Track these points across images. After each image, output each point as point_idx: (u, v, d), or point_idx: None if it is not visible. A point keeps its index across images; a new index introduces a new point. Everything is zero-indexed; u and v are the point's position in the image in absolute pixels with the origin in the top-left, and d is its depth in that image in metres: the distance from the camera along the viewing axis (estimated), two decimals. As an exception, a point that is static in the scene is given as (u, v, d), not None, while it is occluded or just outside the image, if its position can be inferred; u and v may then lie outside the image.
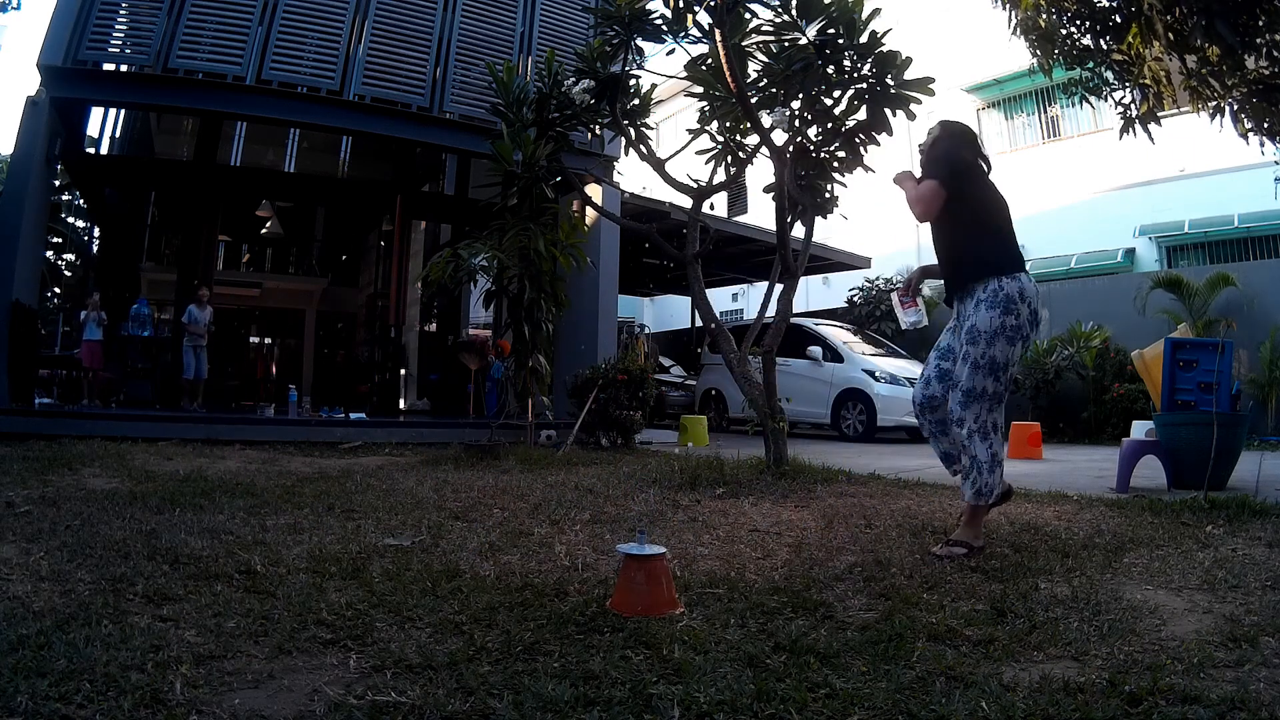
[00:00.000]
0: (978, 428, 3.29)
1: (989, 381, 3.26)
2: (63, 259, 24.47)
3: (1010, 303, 3.22)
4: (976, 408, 3.28)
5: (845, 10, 5.32)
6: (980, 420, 3.29)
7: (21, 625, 2.13)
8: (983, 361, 3.26)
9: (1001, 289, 3.24)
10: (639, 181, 16.24)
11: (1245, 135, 5.46)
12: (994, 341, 3.23)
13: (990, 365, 3.25)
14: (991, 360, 3.25)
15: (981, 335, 3.25)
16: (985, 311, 3.25)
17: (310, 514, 4.11)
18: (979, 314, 3.27)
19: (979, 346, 3.25)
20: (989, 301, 3.25)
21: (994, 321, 3.23)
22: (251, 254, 17.86)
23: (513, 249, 7.85)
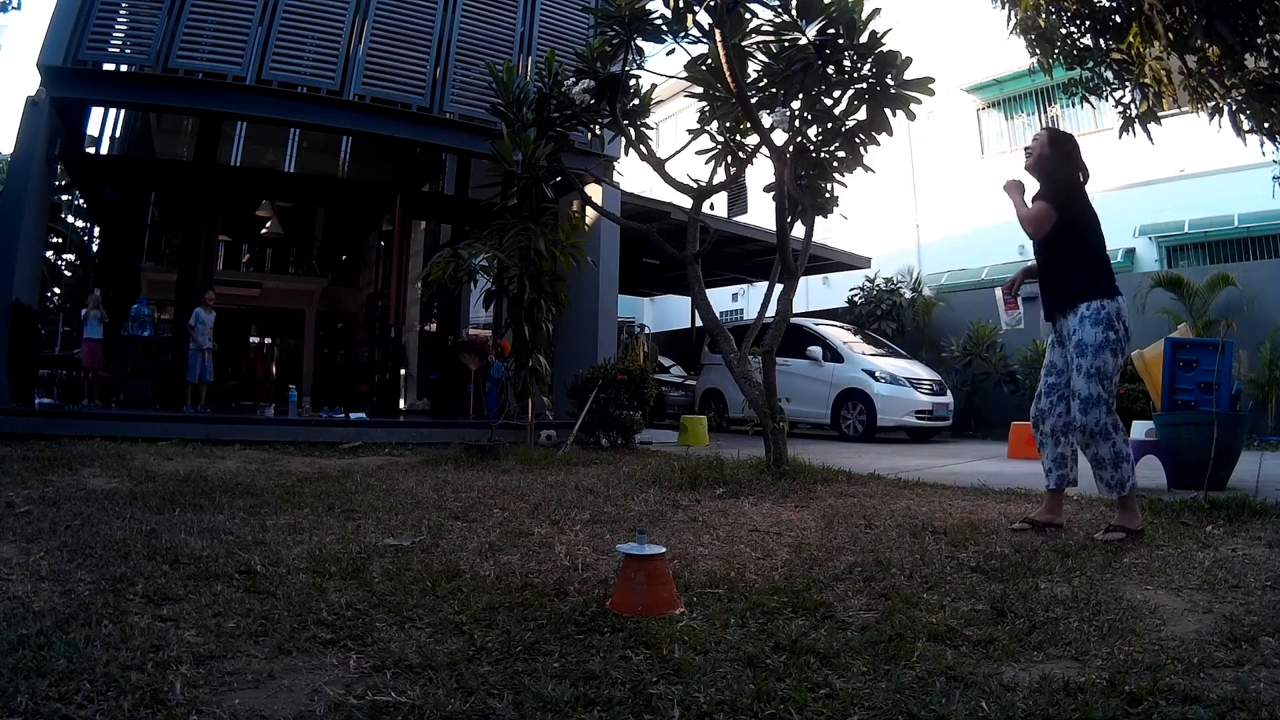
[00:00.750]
0: (1099, 430, 3.62)
1: (1099, 389, 3.63)
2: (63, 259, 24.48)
3: (1111, 320, 3.67)
4: (1095, 412, 3.62)
5: (845, 10, 5.32)
6: (1100, 423, 3.62)
7: (22, 625, 2.13)
8: (1092, 371, 3.64)
9: (1103, 309, 3.68)
10: (639, 182, 16.24)
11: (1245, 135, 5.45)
12: (1099, 353, 3.64)
13: (1099, 374, 3.64)
14: (1099, 370, 3.64)
15: (1089, 348, 3.65)
16: (1090, 328, 3.67)
17: (310, 514, 4.12)
18: (1084, 329, 3.68)
19: (1087, 358, 3.65)
20: (1093, 319, 3.67)
21: (1098, 336, 3.65)
22: (251, 254, 17.86)
23: (513, 249, 7.85)
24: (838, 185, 6.48)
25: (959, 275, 18.30)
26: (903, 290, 15.43)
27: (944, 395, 12.10)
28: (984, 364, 13.15)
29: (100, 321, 10.50)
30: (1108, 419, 3.63)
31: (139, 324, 11.33)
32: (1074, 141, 3.98)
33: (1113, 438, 3.62)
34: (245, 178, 14.61)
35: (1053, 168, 3.88)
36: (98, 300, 10.78)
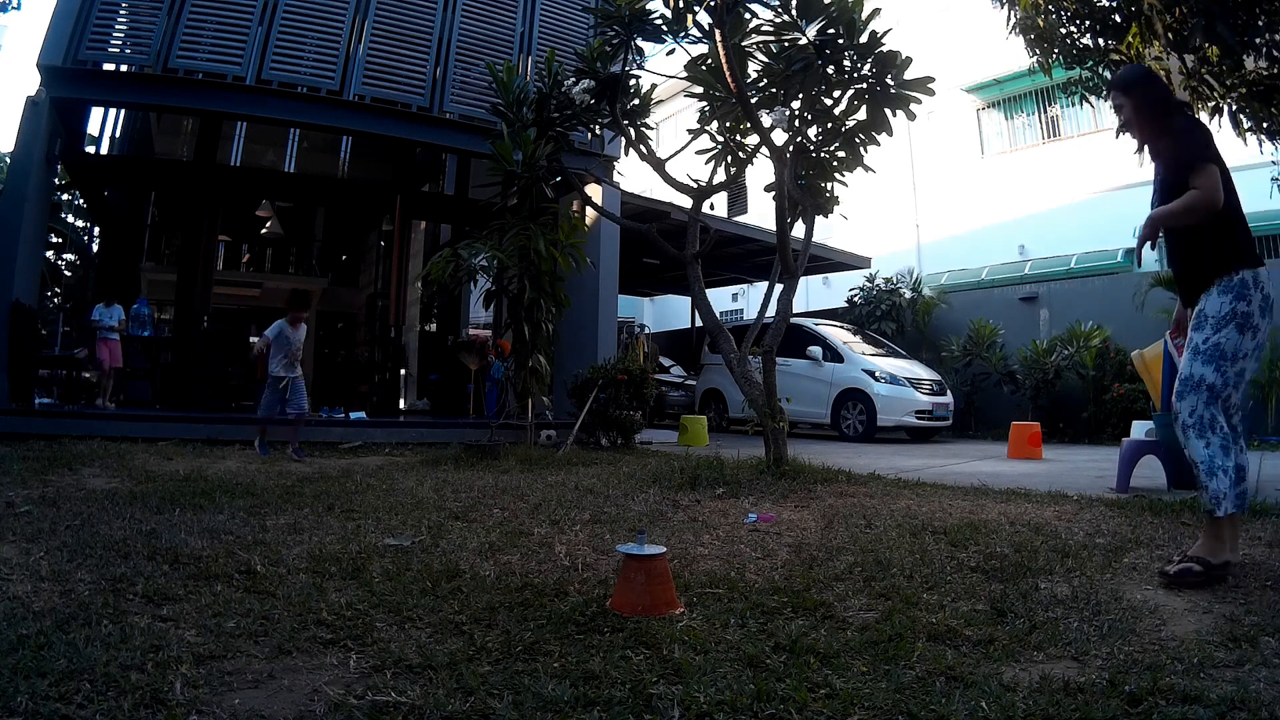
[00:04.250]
0: (1193, 422, 2.93)
1: (1208, 370, 2.91)
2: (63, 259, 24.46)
3: (1245, 288, 2.93)
4: (1192, 399, 2.93)
5: (845, 10, 5.32)
6: (1196, 414, 2.92)
7: (22, 625, 2.13)
8: (1204, 347, 2.94)
9: (1236, 276, 2.95)
10: (639, 182, 16.25)
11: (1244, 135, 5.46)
12: (1220, 327, 2.92)
13: (1213, 352, 2.92)
14: (1216, 347, 2.92)
15: (1208, 320, 2.96)
16: (1217, 297, 2.96)
17: (310, 514, 4.12)
18: (1209, 300, 2.98)
19: (1203, 332, 2.96)
20: (1222, 288, 2.95)
21: (1224, 307, 2.93)
22: (251, 254, 17.86)
23: (513, 249, 7.85)
24: (838, 185, 6.48)
25: (959, 275, 18.31)
26: (903, 290, 15.44)
27: (944, 395, 12.11)
28: (984, 364, 13.15)
29: (118, 321, 10.29)
30: (1205, 411, 2.91)
31: (139, 324, 11.33)
32: (1158, 79, 3.32)
33: (1207, 436, 2.91)
34: (245, 178, 14.60)
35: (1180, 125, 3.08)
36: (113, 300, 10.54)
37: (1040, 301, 13.70)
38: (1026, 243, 17.82)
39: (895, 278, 15.71)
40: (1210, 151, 2.95)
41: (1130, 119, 3.20)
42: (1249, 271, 2.94)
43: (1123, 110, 3.22)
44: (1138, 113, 3.16)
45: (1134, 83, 3.22)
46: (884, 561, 3.11)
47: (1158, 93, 3.19)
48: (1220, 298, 2.94)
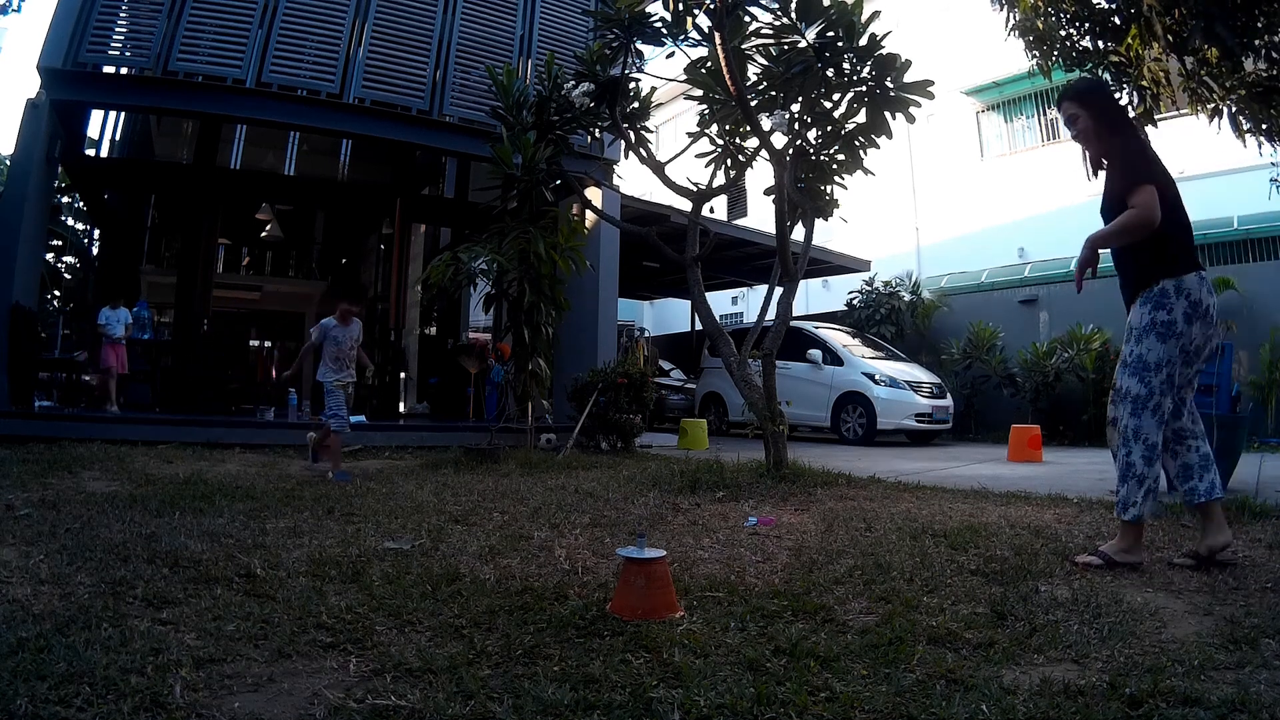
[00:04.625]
0: (1119, 431, 3.12)
1: (1133, 381, 3.08)
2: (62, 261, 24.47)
3: (1164, 297, 3.04)
4: (1121, 411, 3.11)
5: (845, 13, 5.33)
6: (1122, 424, 3.09)
7: (21, 628, 2.13)
8: (1130, 360, 3.11)
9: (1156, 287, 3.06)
10: (639, 185, 16.25)
11: (1244, 137, 5.46)
12: (1142, 339, 3.08)
13: (1137, 364, 3.08)
14: (1139, 358, 3.07)
15: (1132, 333, 3.12)
16: (1138, 309, 3.11)
17: (310, 517, 4.11)
18: (1133, 313, 3.14)
19: (1128, 345, 3.13)
20: (1142, 299, 3.10)
21: (1144, 318, 3.08)
22: (251, 257, 17.87)
23: (512, 252, 7.85)
24: (837, 188, 6.49)
25: (959, 278, 18.32)
26: (902, 293, 15.45)
27: (944, 398, 12.11)
28: (984, 367, 13.15)
29: (125, 324, 10.07)
30: (1130, 421, 3.07)
31: (139, 327, 11.32)
32: (1106, 92, 3.39)
33: (1130, 446, 3.06)
34: (245, 181, 14.61)
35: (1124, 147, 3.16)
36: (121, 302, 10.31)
37: (1040, 304, 13.70)
38: (1026, 245, 17.83)
39: (895, 280, 15.72)
40: (1152, 171, 3.05)
41: (1085, 129, 3.26)
42: (1170, 281, 3.03)
43: (1077, 121, 3.28)
44: (1094, 123, 3.23)
45: (1090, 93, 3.29)
46: (884, 565, 3.10)
47: (1112, 105, 3.29)
48: (1140, 309, 3.09)
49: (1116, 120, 3.24)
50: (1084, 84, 3.40)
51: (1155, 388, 3.03)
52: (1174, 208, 3.09)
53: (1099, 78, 3.58)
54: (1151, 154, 3.17)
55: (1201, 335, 3.07)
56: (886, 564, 3.11)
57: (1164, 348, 3.03)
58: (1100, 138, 3.24)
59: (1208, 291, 3.07)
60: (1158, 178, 3.05)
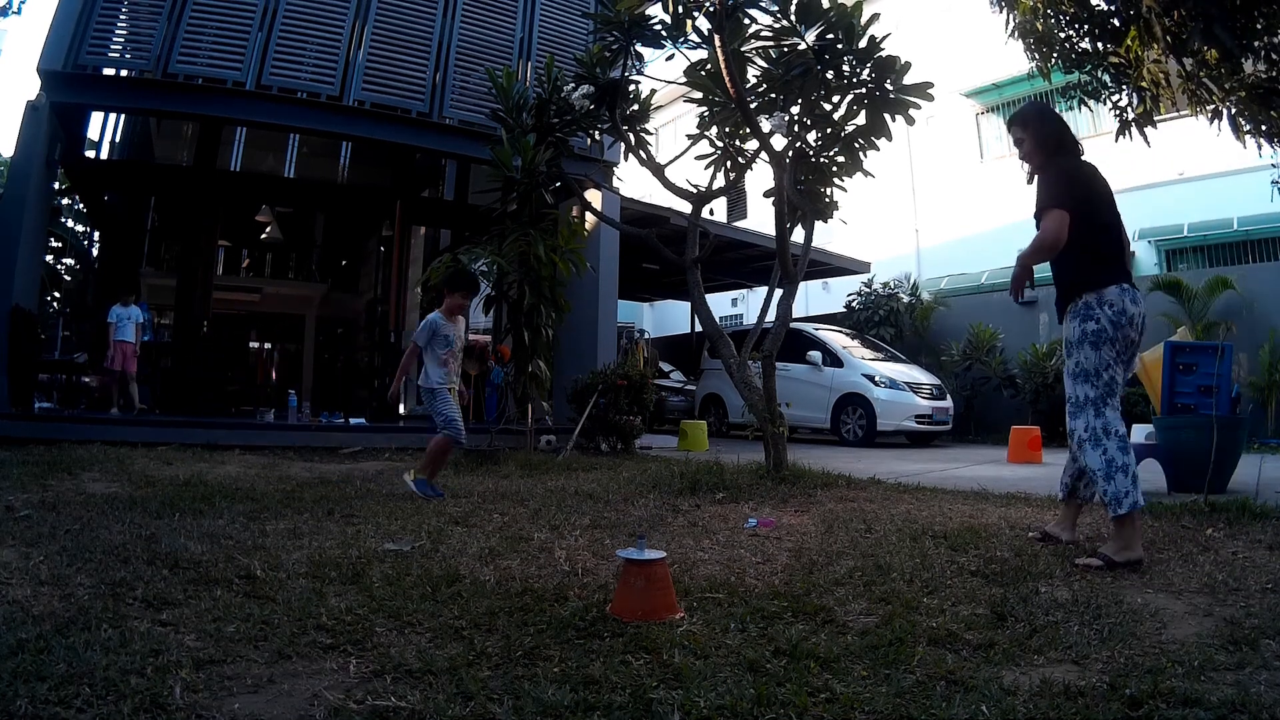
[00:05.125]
0: (1088, 436, 3.27)
1: (1084, 388, 3.30)
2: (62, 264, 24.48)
3: (1089, 309, 3.29)
4: (1083, 418, 3.31)
5: (844, 15, 5.34)
6: (1090, 428, 3.27)
7: (21, 629, 2.13)
8: (1074, 370, 3.34)
9: (1080, 300, 3.33)
10: (639, 187, 16.25)
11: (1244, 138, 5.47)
12: (1077, 349, 3.33)
13: (1079, 372, 3.32)
14: (1079, 366, 3.32)
15: (1069, 345, 3.37)
16: (1069, 323, 3.37)
17: (310, 519, 4.11)
18: (1065, 327, 3.40)
19: (1068, 356, 3.37)
20: (1070, 314, 3.38)
21: (1074, 331, 3.33)
22: (251, 259, 17.87)
23: (512, 254, 7.85)
24: (837, 190, 6.49)
25: (958, 280, 18.31)
26: (902, 295, 15.45)
27: (944, 400, 12.11)
28: (984, 368, 13.16)
29: (135, 323, 9.86)
30: (1095, 422, 3.27)
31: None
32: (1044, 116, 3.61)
33: (1103, 444, 3.22)
34: (245, 183, 14.62)
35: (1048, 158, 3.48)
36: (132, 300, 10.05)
37: (1040, 305, 13.70)
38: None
39: (894, 282, 15.72)
40: (1067, 196, 3.29)
41: (1029, 151, 3.56)
42: (1091, 294, 3.29)
43: (1022, 143, 3.59)
44: (1035, 145, 3.53)
45: (1033, 118, 3.58)
46: (884, 566, 3.10)
47: (1051, 130, 3.53)
48: (1070, 323, 3.36)
49: (1052, 144, 3.50)
50: (1029, 109, 3.69)
51: (1103, 387, 3.27)
52: (1100, 228, 3.35)
53: (1044, 104, 3.82)
54: (1078, 178, 3.39)
55: (1125, 341, 3.30)
56: (886, 565, 3.11)
57: (1098, 354, 3.27)
58: (1037, 157, 3.53)
59: (1131, 301, 3.29)
60: (1073, 202, 3.29)
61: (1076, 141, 3.58)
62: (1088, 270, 3.33)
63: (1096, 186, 3.42)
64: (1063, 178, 3.37)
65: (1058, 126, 3.56)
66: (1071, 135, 3.58)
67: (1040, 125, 3.54)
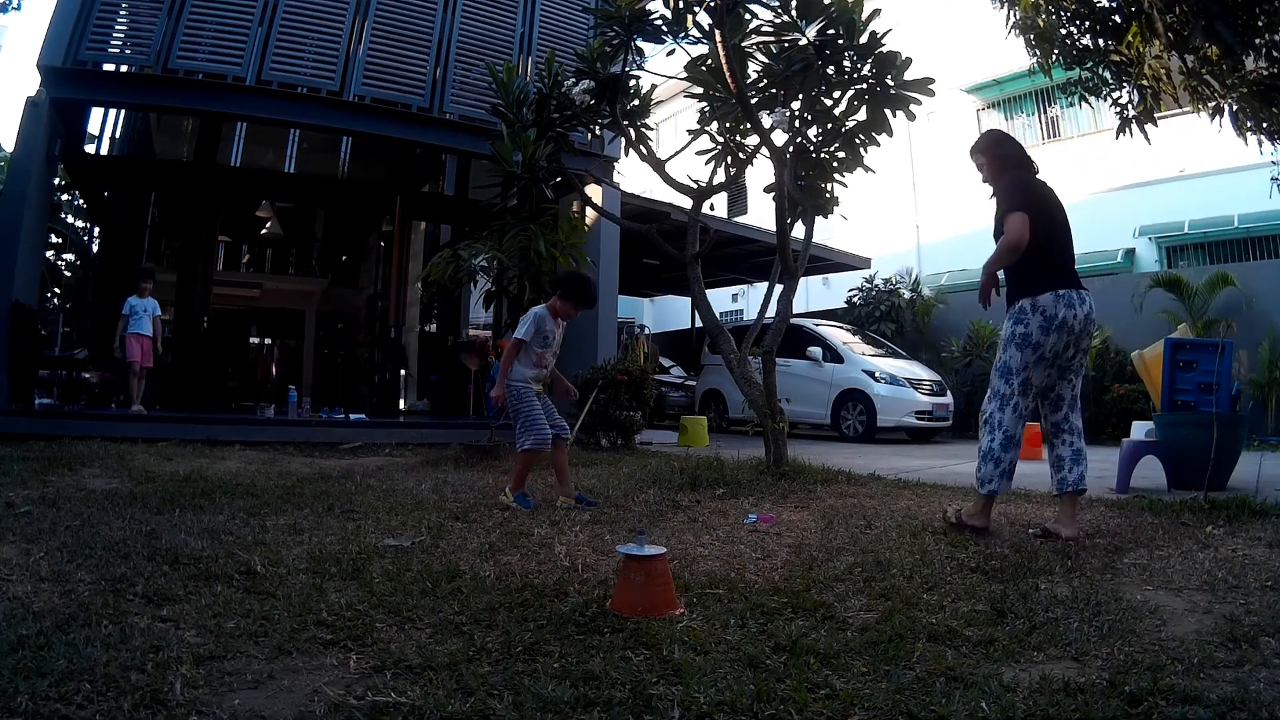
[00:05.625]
0: (984, 419, 3.71)
1: (1000, 382, 3.67)
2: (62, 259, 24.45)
3: (1022, 313, 3.61)
4: (989, 405, 3.70)
5: (845, 11, 5.32)
6: (989, 414, 3.69)
7: (22, 626, 2.13)
8: (998, 365, 3.72)
9: (1017, 305, 3.67)
10: (640, 183, 16.24)
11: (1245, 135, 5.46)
12: (1006, 348, 3.68)
13: (1002, 369, 3.68)
14: (1004, 363, 3.68)
15: (1001, 342, 3.73)
16: (1006, 324, 3.73)
17: (310, 514, 4.12)
18: (1004, 326, 3.74)
19: (998, 352, 3.74)
20: (1008, 316, 3.72)
21: (1007, 331, 3.68)
22: (251, 254, 17.84)
23: (513, 249, 7.84)
24: (838, 185, 6.48)
25: (959, 275, 18.28)
26: (902, 290, 15.43)
27: (944, 396, 12.10)
28: (984, 364, 13.13)
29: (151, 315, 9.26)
30: (997, 414, 3.66)
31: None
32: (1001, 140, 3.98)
33: (994, 434, 3.64)
34: (245, 178, 14.60)
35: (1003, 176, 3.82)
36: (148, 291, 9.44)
37: (1040, 302, 13.69)
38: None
39: (895, 278, 15.70)
40: (1024, 201, 3.60)
41: (989, 174, 3.92)
42: (1027, 300, 3.61)
43: (984, 168, 3.95)
44: (990, 167, 3.90)
45: (989, 144, 3.96)
46: (884, 562, 3.11)
47: (1005, 152, 3.90)
48: (1007, 324, 3.71)
49: (1005, 162, 3.86)
50: (987, 136, 4.05)
51: (1015, 388, 3.62)
52: (1046, 237, 3.61)
53: (1001, 131, 4.23)
54: (1030, 188, 3.72)
55: (1062, 342, 3.60)
56: (886, 561, 3.12)
57: (1021, 356, 3.60)
58: (995, 176, 3.88)
59: (1065, 306, 3.57)
60: (1030, 207, 3.59)
61: (1032, 161, 3.93)
62: (1030, 276, 3.64)
63: (1047, 199, 3.73)
64: (1017, 185, 3.71)
65: (1014, 148, 3.93)
66: (1027, 156, 3.94)
67: (997, 148, 3.91)
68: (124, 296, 9.38)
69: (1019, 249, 3.51)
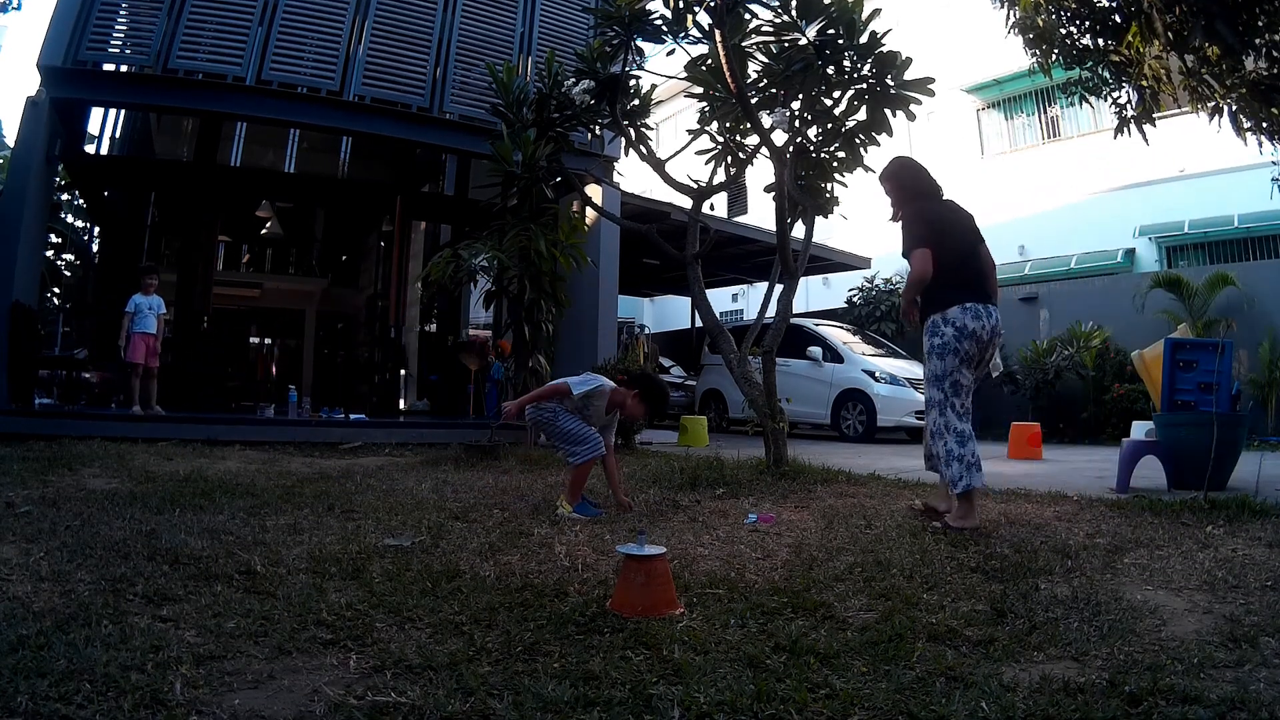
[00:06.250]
0: (935, 429, 3.98)
1: (934, 390, 3.99)
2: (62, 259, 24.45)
3: (935, 327, 3.99)
4: (933, 414, 4.01)
5: (845, 10, 5.32)
6: (936, 424, 3.97)
7: (22, 625, 2.13)
8: (927, 375, 4.05)
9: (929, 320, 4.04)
10: (640, 182, 16.24)
11: (1244, 135, 5.46)
12: (928, 360, 4.03)
13: (931, 378, 4.02)
14: (931, 373, 4.01)
15: (925, 355, 4.07)
16: (924, 338, 4.08)
17: (310, 514, 4.12)
18: (923, 341, 4.09)
19: (924, 365, 4.09)
20: (923, 331, 4.08)
21: (926, 345, 4.04)
22: (251, 254, 17.84)
23: (513, 249, 7.84)
24: (838, 185, 6.48)
25: (959, 275, 18.28)
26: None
27: (944, 395, 12.08)
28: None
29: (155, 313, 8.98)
30: (940, 420, 3.94)
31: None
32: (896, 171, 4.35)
33: (945, 438, 3.90)
34: (245, 178, 14.59)
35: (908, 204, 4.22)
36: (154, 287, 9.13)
37: (1040, 302, 13.71)
38: (1026, 243, 17.81)
39: (895, 278, 15.69)
40: (927, 235, 4.01)
41: (894, 200, 4.36)
42: (937, 315, 3.99)
43: (890, 193, 4.39)
44: (896, 194, 4.33)
45: (895, 173, 4.35)
46: (884, 562, 3.11)
47: (909, 179, 4.31)
48: (925, 337, 4.06)
49: (911, 192, 4.27)
50: (893, 164, 4.41)
51: (947, 391, 3.95)
52: (953, 259, 3.99)
53: (906, 158, 4.56)
54: (932, 218, 4.10)
55: (975, 349, 3.98)
56: (886, 561, 3.12)
57: (943, 363, 3.95)
58: (901, 204, 4.30)
59: (973, 318, 3.95)
60: (932, 239, 3.99)
61: (937, 186, 4.31)
62: (937, 295, 4.00)
63: (952, 223, 4.11)
64: (919, 220, 4.10)
65: (916, 176, 4.32)
66: (931, 181, 4.30)
67: (901, 177, 4.32)
68: (124, 296, 9.33)
69: (925, 282, 3.96)
